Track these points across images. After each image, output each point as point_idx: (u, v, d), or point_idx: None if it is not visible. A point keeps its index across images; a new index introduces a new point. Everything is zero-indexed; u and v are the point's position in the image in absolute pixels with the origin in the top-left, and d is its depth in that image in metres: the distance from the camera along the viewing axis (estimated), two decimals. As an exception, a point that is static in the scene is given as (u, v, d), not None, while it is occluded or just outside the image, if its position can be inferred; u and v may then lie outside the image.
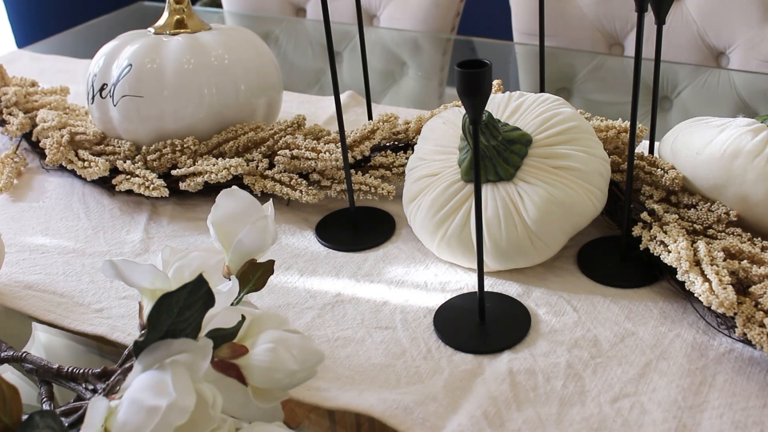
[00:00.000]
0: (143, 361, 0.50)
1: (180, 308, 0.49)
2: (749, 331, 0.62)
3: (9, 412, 0.48)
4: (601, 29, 1.40)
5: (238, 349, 0.53)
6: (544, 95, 0.79)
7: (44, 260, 0.83)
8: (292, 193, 0.86)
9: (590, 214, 0.74)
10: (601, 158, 0.75)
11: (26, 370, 0.62)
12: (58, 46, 1.53)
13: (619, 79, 1.26)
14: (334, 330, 0.71)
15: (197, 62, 0.92)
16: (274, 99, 0.99)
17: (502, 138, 0.74)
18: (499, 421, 0.59)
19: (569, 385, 0.62)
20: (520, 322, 0.69)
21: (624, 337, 0.67)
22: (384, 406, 0.61)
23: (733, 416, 0.58)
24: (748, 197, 0.71)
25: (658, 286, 0.73)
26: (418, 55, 1.43)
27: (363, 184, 0.86)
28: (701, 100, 1.17)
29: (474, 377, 0.64)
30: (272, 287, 0.77)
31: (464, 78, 0.58)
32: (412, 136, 0.91)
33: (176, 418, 0.46)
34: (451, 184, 0.75)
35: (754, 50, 1.26)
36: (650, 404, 0.60)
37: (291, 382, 0.54)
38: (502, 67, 1.35)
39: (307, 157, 0.86)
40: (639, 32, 0.66)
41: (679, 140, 0.79)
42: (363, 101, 1.12)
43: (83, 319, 0.74)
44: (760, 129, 0.72)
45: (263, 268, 0.64)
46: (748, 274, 0.66)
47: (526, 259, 0.74)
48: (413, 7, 1.53)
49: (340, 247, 0.83)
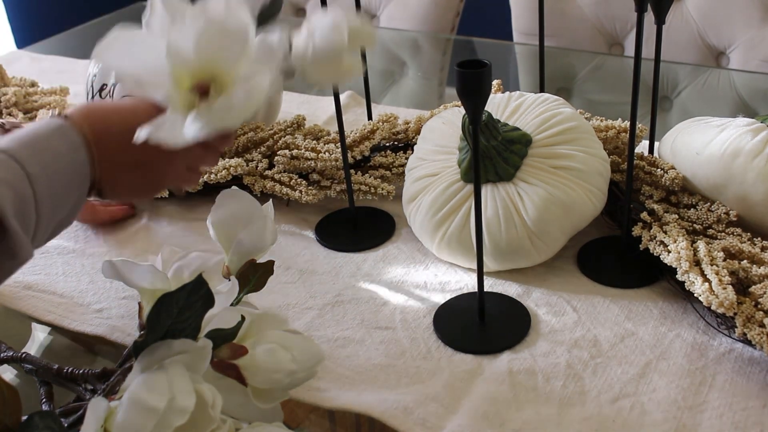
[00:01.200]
0: (143, 361, 0.50)
1: (180, 309, 0.49)
2: (749, 331, 0.62)
3: (9, 413, 0.48)
4: (601, 29, 1.40)
5: (237, 349, 0.53)
6: (543, 95, 0.79)
7: (44, 260, 0.83)
8: (292, 193, 0.86)
9: (590, 214, 0.74)
10: (601, 158, 0.75)
11: (26, 371, 0.62)
12: (58, 46, 1.53)
13: (619, 79, 1.26)
14: (334, 330, 0.71)
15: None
16: (273, 99, 0.99)
17: (502, 138, 0.73)
18: (499, 421, 0.59)
19: (569, 385, 0.62)
20: (520, 322, 0.69)
21: (624, 337, 0.67)
22: (384, 407, 0.61)
23: (733, 416, 0.58)
24: (748, 197, 0.71)
25: (658, 286, 0.73)
26: (418, 55, 1.43)
27: (363, 184, 0.86)
28: (701, 100, 1.17)
29: (474, 377, 0.64)
30: (272, 287, 0.77)
31: (464, 78, 0.58)
32: (412, 136, 0.91)
33: (176, 418, 0.46)
34: (451, 184, 0.75)
35: (754, 50, 1.26)
36: (650, 404, 0.60)
37: (291, 383, 0.54)
38: (502, 67, 1.35)
39: (306, 157, 0.86)
40: (639, 32, 0.66)
41: (679, 140, 0.78)
42: (363, 101, 1.12)
43: (83, 319, 0.74)
44: (760, 129, 0.72)
45: (263, 269, 0.64)
46: (748, 274, 0.66)
47: (526, 259, 0.74)
48: (413, 7, 1.53)
49: (340, 247, 0.82)
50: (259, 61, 0.45)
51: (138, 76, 0.44)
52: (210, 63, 0.45)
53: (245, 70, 0.45)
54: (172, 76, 0.45)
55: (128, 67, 0.44)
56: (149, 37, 0.45)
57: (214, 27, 0.44)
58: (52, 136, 0.52)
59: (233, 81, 0.45)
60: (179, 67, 0.45)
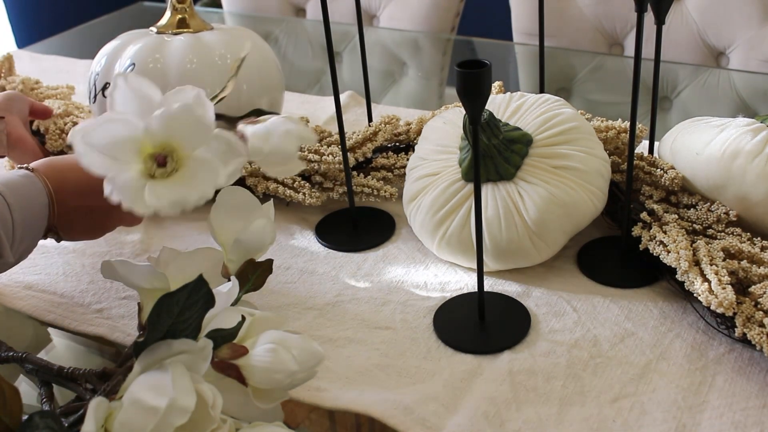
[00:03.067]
0: (143, 361, 0.50)
1: (180, 309, 0.49)
2: (749, 331, 0.62)
3: (9, 413, 0.48)
4: (600, 29, 1.40)
5: (238, 349, 0.53)
6: (544, 96, 0.79)
7: (44, 260, 0.83)
8: (296, 195, 0.86)
9: (590, 214, 0.74)
10: (601, 158, 0.75)
11: (26, 371, 0.62)
12: (58, 46, 1.53)
13: (619, 79, 1.26)
14: (334, 330, 0.71)
15: (200, 62, 0.92)
16: (276, 99, 0.99)
17: (503, 137, 0.74)
18: (499, 421, 0.59)
19: (569, 385, 0.62)
20: (520, 322, 0.69)
21: (624, 338, 0.67)
22: (384, 406, 0.61)
23: (733, 416, 0.58)
24: (748, 197, 0.71)
25: (658, 286, 0.73)
26: (418, 55, 1.43)
27: (366, 186, 0.86)
28: (701, 100, 1.17)
29: (474, 377, 0.64)
30: (272, 287, 0.77)
31: (464, 78, 0.58)
32: (413, 137, 0.91)
33: (176, 418, 0.46)
34: (452, 183, 0.75)
35: (754, 50, 1.26)
36: (650, 404, 0.60)
37: (291, 383, 0.54)
38: (502, 67, 1.35)
39: (310, 159, 0.86)
40: (639, 32, 0.66)
41: (678, 140, 0.79)
42: (363, 101, 1.12)
43: (83, 319, 0.74)
44: (760, 129, 0.72)
45: (262, 267, 0.64)
46: (748, 274, 0.66)
47: (526, 258, 0.74)
48: (413, 7, 1.53)
49: (340, 247, 0.82)
50: (219, 153, 0.53)
51: (101, 148, 0.51)
52: (173, 140, 0.52)
53: (203, 155, 0.52)
54: (135, 144, 0.52)
55: (97, 140, 0.51)
56: (113, 112, 0.53)
57: (184, 112, 0.51)
58: (24, 182, 0.65)
59: (191, 160, 0.53)
60: (145, 138, 0.52)
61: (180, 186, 0.52)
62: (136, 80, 0.53)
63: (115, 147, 0.51)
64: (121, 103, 0.53)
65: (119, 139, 0.51)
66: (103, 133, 0.50)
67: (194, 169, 0.52)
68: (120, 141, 0.51)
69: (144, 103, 0.53)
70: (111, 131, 0.51)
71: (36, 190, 0.65)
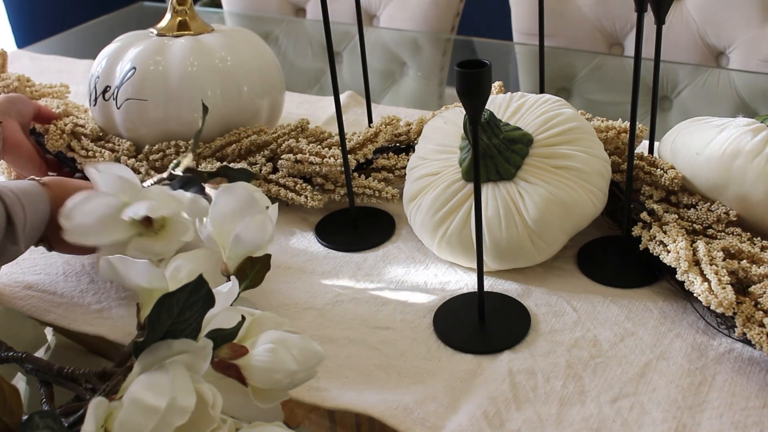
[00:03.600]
0: (143, 361, 0.50)
1: (180, 309, 0.49)
2: (749, 331, 0.62)
3: (9, 412, 0.48)
4: (600, 29, 1.40)
5: (238, 349, 0.53)
6: (545, 96, 0.79)
7: (44, 260, 0.83)
8: (297, 198, 0.85)
9: (591, 214, 0.74)
10: (601, 158, 0.75)
11: (26, 371, 0.62)
12: (58, 46, 1.53)
13: (619, 79, 1.26)
14: (334, 330, 0.71)
15: (201, 64, 0.92)
16: (276, 100, 0.99)
17: (504, 137, 0.74)
18: (499, 421, 0.59)
19: (569, 385, 0.62)
20: (520, 322, 0.69)
21: (624, 337, 0.67)
22: (384, 406, 0.61)
23: (733, 416, 0.58)
24: (748, 197, 0.71)
25: (658, 286, 0.73)
26: (418, 55, 1.43)
27: (367, 188, 0.85)
28: (701, 100, 1.17)
29: (474, 377, 0.64)
30: (272, 287, 0.77)
31: (464, 78, 0.58)
32: (414, 137, 0.91)
33: (176, 418, 0.46)
34: (452, 183, 0.75)
35: (754, 50, 1.26)
36: (650, 404, 0.60)
37: (291, 383, 0.54)
38: (502, 67, 1.35)
39: (311, 162, 0.86)
40: (639, 32, 0.66)
41: (678, 140, 0.79)
42: (363, 101, 1.12)
43: (83, 319, 0.74)
44: (760, 129, 0.72)
45: (260, 263, 0.64)
46: (748, 274, 0.66)
47: (526, 259, 0.74)
48: (413, 7, 1.53)
49: (340, 247, 0.82)
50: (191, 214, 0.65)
51: (87, 225, 0.64)
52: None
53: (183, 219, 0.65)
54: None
55: (82, 219, 0.64)
56: (99, 194, 0.65)
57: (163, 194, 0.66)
58: (35, 191, 0.71)
59: (172, 222, 0.65)
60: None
61: (163, 242, 0.65)
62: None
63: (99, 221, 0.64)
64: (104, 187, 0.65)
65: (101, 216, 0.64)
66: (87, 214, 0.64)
67: (175, 228, 0.65)
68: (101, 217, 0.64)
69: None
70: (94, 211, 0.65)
71: (43, 199, 0.71)
